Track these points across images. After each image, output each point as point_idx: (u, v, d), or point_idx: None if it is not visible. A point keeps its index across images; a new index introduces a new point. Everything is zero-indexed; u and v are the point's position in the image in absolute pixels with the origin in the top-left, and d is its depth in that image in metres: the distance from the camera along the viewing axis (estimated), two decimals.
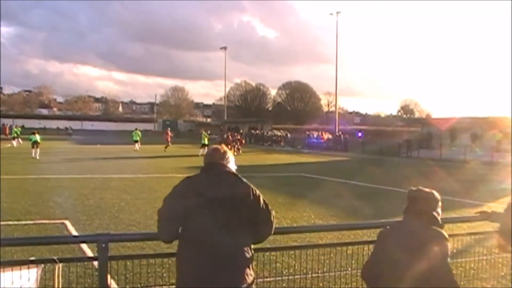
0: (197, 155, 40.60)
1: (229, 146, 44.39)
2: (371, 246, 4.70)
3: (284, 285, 5.97)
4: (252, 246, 3.82)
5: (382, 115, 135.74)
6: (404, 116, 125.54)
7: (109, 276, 3.82)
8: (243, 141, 47.22)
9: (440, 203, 3.90)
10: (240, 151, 44.65)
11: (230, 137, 45.83)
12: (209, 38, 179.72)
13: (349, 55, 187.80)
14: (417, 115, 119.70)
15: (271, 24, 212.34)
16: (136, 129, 50.78)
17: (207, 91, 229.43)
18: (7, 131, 65.49)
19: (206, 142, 41.97)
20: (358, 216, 13.55)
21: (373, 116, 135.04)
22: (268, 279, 5.83)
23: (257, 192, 3.89)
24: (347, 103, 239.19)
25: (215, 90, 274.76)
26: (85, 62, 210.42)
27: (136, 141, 47.83)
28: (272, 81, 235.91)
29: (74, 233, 10.58)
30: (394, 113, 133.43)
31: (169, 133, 50.76)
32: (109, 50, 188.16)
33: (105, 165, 29.68)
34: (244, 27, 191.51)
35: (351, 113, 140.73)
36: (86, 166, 28.40)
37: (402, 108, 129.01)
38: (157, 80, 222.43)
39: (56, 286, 3.68)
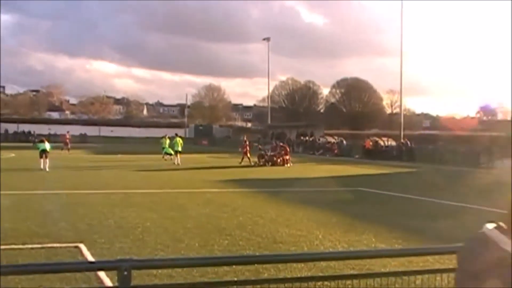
0: (235, 166, 40.78)
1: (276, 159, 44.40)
2: (444, 276, 4.59)
3: None
4: (300, 275, 3.79)
5: (457, 117, 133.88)
6: (485, 118, 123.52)
7: None
8: (288, 149, 46.74)
9: None
10: (289, 164, 44.17)
11: (265, 152, 45.67)
12: (247, 28, 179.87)
13: (417, 46, 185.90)
14: (500, 116, 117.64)
15: (319, 9, 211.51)
16: (166, 135, 50.13)
17: (245, 90, 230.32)
18: (68, 139, 61.81)
19: (173, 150, 44.09)
20: (429, 239, 13.34)
21: (446, 119, 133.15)
22: None
23: None
24: (415, 104, 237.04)
25: (255, 89, 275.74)
26: (100, 57, 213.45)
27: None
28: (324, 78, 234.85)
29: (90, 258, 10.65)
30: (472, 114, 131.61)
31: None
32: (127, 43, 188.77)
33: (127, 178, 29.97)
34: (288, 13, 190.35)
35: (419, 115, 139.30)
36: (104, 179, 28.72)
37: (482, 108, 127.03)
38: (186, 77, 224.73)
39: None
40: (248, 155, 45.09)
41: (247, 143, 46.38)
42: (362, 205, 20.04)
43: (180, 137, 46.63)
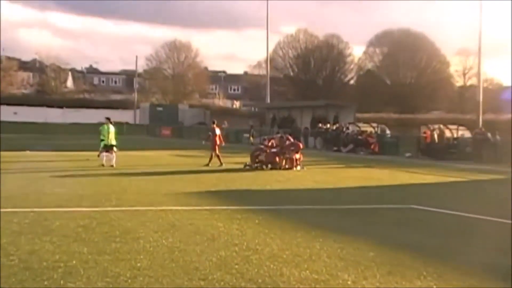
0: (214, 170, 40.90)
1: (278, 159, 44.37)
2: None
3: None
4: None
5: None
6: None
7: None
8: (300, 145, 46.68)
9: None
10: (299, 166, 44.15)
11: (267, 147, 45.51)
12: None
13: None
14: None
15: None
16: (109, 121, 48.98)
17: (231, 51, 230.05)
18: None
19: (109, 143, 44.17)
20: None
21: None
22: None
23: None
24: (501, 71, 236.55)
25: (246, 48, 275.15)
26: None
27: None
28: (356, 30, 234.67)
29: None
30: None
31: None
32: None
33: (41, 188, 29.93)
34: None
35: (507, 88, 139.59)
36: (3, 190, 28.60)
37: None
38: (136, 29, 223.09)
39: None
40: (217, 151, 45.04)
41: (217, 132, 46.20)
42: (416, 232, 20.07)
43: (112, 123, 45.50)
